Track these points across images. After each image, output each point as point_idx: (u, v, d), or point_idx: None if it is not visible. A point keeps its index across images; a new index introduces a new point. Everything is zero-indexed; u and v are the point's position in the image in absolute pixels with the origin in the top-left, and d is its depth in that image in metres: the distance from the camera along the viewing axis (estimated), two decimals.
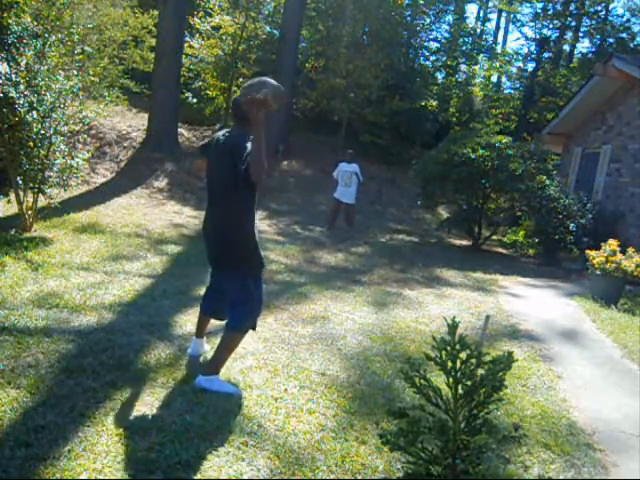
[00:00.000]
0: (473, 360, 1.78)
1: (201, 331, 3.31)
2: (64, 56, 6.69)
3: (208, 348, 3.41)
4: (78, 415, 2.48)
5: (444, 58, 19.72)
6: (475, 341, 3.76)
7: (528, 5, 21.47)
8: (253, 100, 2.68)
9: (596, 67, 9.82)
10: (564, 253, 9.10)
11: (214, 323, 3.92)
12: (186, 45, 13.75)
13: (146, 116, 12.56)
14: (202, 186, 9.54)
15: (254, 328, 3.06)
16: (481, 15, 25.45)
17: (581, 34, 20.61)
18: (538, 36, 20.48)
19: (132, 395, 2.73)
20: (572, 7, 19.80)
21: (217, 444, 2.36)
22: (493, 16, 25.67)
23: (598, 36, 19.80)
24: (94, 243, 5.98)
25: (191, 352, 3.28)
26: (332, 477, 2.25)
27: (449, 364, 1.78)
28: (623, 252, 5.81)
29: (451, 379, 1.79)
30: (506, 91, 21.86)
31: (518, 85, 21.11)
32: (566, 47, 20.93)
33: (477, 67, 20.72)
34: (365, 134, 15.70)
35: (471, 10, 42.86)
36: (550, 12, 20.13)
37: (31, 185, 5.89)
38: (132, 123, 12.89)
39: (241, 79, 15.29)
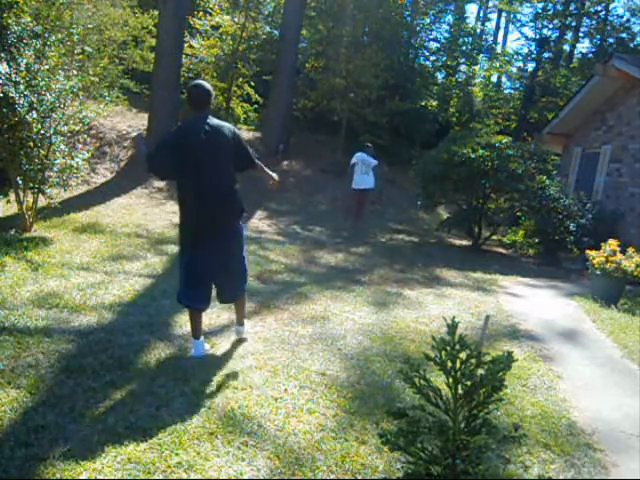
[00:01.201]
0: (473, 360, 1.78)
1: (199, 331, 3.33)
2: (64, 56, 6.69)
3: (208, 347, 3.43)
4: (78, 415, 2.48)
5: (444, 58, 19.71)
6: (475, 341, 3.76)
7: (528, 5, 21.43)
8: None
9: (596, 67, 9.82)
10: (564, 253, 9.10)
11: (209, 323, 3.91)
12: (186, 45, 13.74)
13: (146, 116, 12.54)
14: None
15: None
16: (481, 15, 25.47)
17: (581, 34, 20.58)
18: (538, 36, 20.46)
19: (132, 395, 2.73)
20: (572, 7, 19.78)
21: (217, 444, 2.37)
22: (493, 16, 25.69)
23: (598, 36, 19.77)
24: (94, 243, 5.98)
25: (195, 354, 3.29)
26: (332, 477, 2.25)
27: (449, 364, 1.78)
28: (623, 252, 5.80)
29: (451, 379, 1.79)
30: (506, 91, 21.85)
31: (518, 85, 21.09)
32: (566, 47, 20.90)
33: (477, 67, 20.72)
34: (365, 134, 15.66)
35: (471, 10, 42.86)
36: (550, 12, 20.09)
37: (31, 185, 5.89)
38: (132, 123, 12.87)
39: (241, 79, 15.30)
